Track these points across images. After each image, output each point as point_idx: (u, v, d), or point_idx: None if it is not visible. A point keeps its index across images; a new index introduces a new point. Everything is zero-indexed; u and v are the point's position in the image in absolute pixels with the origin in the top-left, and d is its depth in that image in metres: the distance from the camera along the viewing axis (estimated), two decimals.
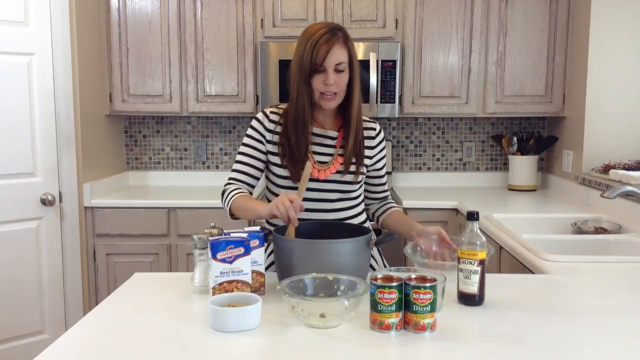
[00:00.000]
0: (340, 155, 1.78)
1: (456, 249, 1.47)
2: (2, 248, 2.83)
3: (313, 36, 1.69)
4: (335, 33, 1.70)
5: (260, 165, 1.81)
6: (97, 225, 3.16)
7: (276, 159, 1.78)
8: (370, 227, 1.91)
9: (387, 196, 1.98)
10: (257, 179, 1.82)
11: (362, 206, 1.90)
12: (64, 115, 3.01)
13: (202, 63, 3.36)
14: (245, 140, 1.82)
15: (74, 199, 3.07)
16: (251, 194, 1.80)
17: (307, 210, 1.76)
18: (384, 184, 1.95)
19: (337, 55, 1.69)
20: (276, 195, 1.79)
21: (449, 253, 1.61)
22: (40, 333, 2.99)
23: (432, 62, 3.35)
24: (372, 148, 1.85)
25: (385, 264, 1.94)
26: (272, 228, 1.76)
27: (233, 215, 1.75)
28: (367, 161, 1.84)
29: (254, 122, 1.83)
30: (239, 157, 1.81)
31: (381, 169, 1.92)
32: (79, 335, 1.27)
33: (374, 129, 1.87)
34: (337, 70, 1.70)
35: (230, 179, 1.82)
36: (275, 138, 1.79)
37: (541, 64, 3.33)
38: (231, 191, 1.74)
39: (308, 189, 1.75)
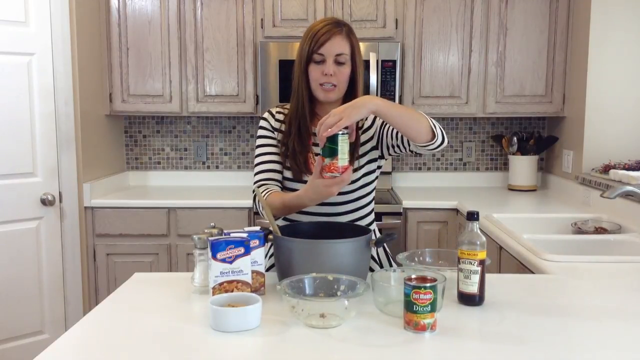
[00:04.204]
0: None
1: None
2: (2, 248, 2.83)
3: (315, 28, 1.68)
4: (338, 25, 1.68)
5: (280, 158, 1.77)
6: (97, 225, 3.16)
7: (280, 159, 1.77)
8: (376, 227, 1.91)
9: None
10: (282, 172, 1.77)
11: (368, 208, 1.84)
12: (64, 115, 3.01)
13: (202, 63, 3.36)
14: (259, 141, 1.80)
15: (74, 199, 3.07)
16: (282, 188, 1.75)
17: (310, 214, 1.76)
18: None
19: (338, 45, 1.66)
20: None
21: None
22: (40, 333, 2.99)
23: (432, 62, 3.34)
24: (367, 129, 1.78)
25: (393, 264, 1.90)
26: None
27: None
28: (369, 144, 1.75)
29: (262, 122, 1.82)
30: (260, 158, 1.78)
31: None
32: (79, 335, 1.27)
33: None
34: (338, 63, 1.67)
35: (257, 182, 1.75)
36: (280, 137, 1.78)
37: (541, 64, 3.33)
38: (261, 193, 1.69)
39: None
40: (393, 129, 1.68)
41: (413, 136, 1.53)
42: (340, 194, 1.75)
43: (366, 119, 1.80)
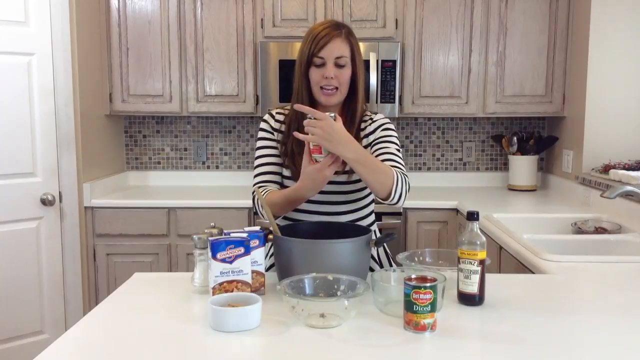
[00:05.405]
0: None
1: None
2: (2, 248, 2.83)
3: (314, 31, 1.70)
4: (337, 28, 1.70)
5: (280, 160, 1.78)
6: (97, 225, 3.16)
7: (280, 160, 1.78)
8: (376, 227, 1.91)
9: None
10: (281, 173, 1.78)
11: (369, 208, 1.85)
12: (64, 115, 3.01)
13: (202, 63, 3.36)
14: (259, 143, 1.82)
15: (74, 199, 3.07)
16: (282, 188, 1.75)
17: (310, 213, 1.77)
18: (387, 160, 1.72)
19: (338, 48, 1.67)
20: None
21: None
22: (40, 333, 2.99)
23: (432, 62, 3.35)
24: (369, 135, 1.79)
25: (393, 264, 1.90)
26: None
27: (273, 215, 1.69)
28: (368, 149, 1.76)
29: (262, 124, 1.83)
30: (259, 160, 1.79)
31: (381, 148, 1.75)
32: (79, 335, 1.27)
33: (372, 119, 1.81)
34: (338, 65, 1.68)
35: (256, 184, 1.77)
36: (280, 137, 1.79)
37: (541, 64, 3.33)
38: (261, 193, 1.69)
39: None
40: (377, 153, 1.75)
41: (371, 189, 1.62)
42: (339, 193, 1.75)
43: (370, 124, 1.81)
